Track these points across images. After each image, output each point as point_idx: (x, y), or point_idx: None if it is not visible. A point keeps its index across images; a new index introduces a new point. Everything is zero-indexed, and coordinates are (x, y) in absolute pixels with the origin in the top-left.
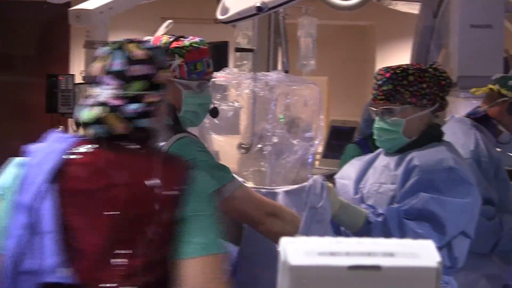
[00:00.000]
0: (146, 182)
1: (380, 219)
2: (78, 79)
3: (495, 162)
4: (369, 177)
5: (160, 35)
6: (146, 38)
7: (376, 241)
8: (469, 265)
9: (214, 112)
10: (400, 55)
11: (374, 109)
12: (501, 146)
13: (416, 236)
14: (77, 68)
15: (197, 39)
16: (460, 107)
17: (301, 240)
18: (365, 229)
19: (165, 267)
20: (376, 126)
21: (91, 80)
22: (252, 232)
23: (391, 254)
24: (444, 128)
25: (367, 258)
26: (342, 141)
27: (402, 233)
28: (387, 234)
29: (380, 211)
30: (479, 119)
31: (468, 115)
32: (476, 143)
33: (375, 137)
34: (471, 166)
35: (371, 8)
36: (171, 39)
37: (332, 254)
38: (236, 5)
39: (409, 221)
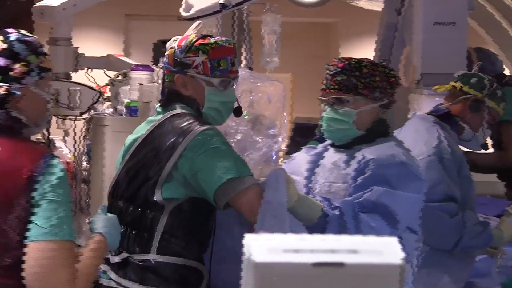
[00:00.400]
0: (1, 167)
1: (336, 212)
2: None
3: (458, 159)
4: (319, 175)
5: (188, 35)
6: (174, 37)
7: (340, 238)
8: (432, 262)
9: (238, 111)
10: (363, 52)
11: (325, 99)
12: (464, 143)
13: (371, 230)
14: None
15: (223, 38)
16: (423, 104)
17: (265, 237)
18: (321, 223)
19: (21, 250)
20: (326, 116)
21: None
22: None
23: (355, 251)
24: (407, 125)
25: (331, 255)
26: (306, 138)
27: (357, 227)
28: (343, 227)
29: (336, 204)
30: (441, 116)
31: (431, 112)
32: (439, 140)
33: (323, 127)
34: (433, 163)
35: (335, 5)
36: (198, 37)
37: (296, 251)
38: (200, 2)
39: (363, 214)
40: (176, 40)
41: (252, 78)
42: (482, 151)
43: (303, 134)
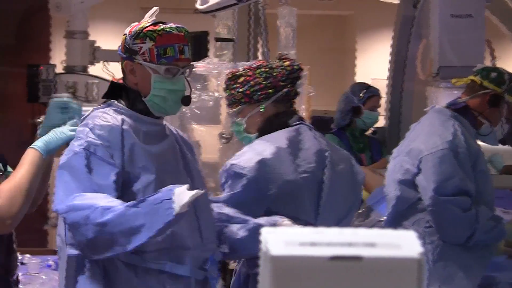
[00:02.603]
0: None
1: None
2: (59, 69)
3: (474, 153)
4: None
5: (142, 21)
6: (131, 24)
7: (358, 231)
8: (447, 256)
9: (186, 100)
10: (380, 45)
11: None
12: (481, 137)
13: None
14: (58, 58)
15: (173, 25)
16: (440, 97)
17: (282, 230)
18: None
19: None
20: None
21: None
22: None
23: (372, 245)
24: (424, 118)
25: (349, 248)
26: (323, 131)
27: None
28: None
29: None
30: (459, 110)
31: (448, 106)
32: (454, 133)
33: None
34: (447, 157)
35: None
36: (149, 24)
37: (313, 244)
38: None
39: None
40: (131, 26)
41: None
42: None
43: (320, 127)
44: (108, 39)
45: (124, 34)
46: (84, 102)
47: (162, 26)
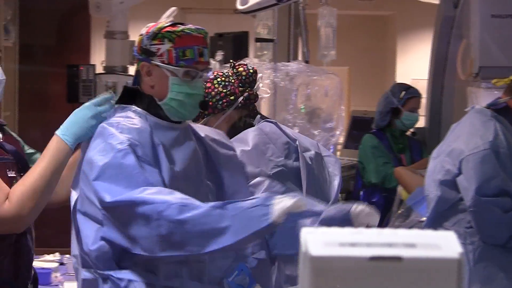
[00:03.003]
0: None
1: None
2: (99, 69)
3: None
4: None
5: (160, 21)
6: (148, 24)
7: (397, 232)
8: (488, 257)
9: (204, 105)
10: (420, 46)
11: None
12: None
13: None
14: (98, 58)
15: (193, 27)
16: (481, 97)
17: (321, 231)
18: None
19: None
20: None
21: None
22: None
23: (412, 245)
24: (464, 119)
25: (388, 249)
26: (363, 132)
27: None
28: None
29: None
30: (500, 110)
31: (489, 106)
32: (495, 134)
33: None
34: (488, 157)
35: None
36: (167, 24)
37: (353, 244)
38: None
39: None
40: (147, 27)
41: (308, 72)
42: None
43: (360, 128)
44: None
45: (140, 35)
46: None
47: (181, 27)
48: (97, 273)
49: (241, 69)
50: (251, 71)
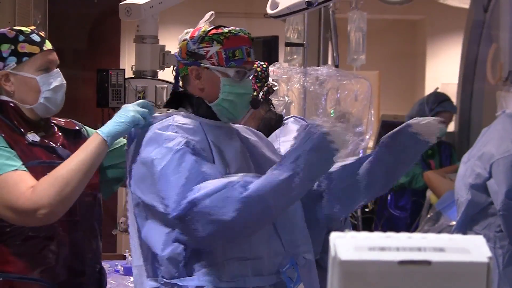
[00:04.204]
0: None
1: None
2: (129, 74)
3: None
4: None
5: (200, 26)
6: (186, 30)
7: (426, 236)
8: None
9: (255, 103)
10: (451, 50)
11: None
12: None
13: None
14: (128, 63)
15: (237, 28)
16: (510, 101)
17: (351, 235)
18: None
19: None
20: None
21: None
22: None
23: (441, 249)
24: (495, 123)
25: (417, 253)
26: None
27: None
28: None
29: None
30: None
31: None
32: None
33: None
34: None
35: (422, 2)
36: (211, 27)
37: (382, 249)
38: (286, 0)
39: None
40: (188, 33)
41: (338, 76)
42: None
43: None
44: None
45: (184, 40)
46: (153, 106)
47: (227, 28)
48: (163, 282)
49: (254, 65)
50: (264, 66)
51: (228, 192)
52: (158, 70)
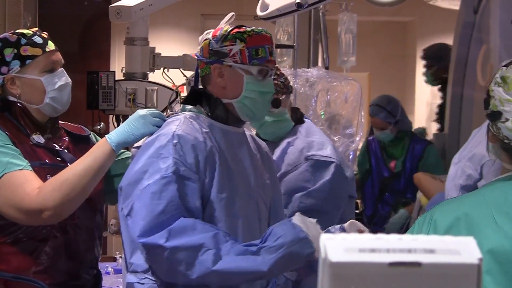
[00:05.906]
0: None
1: None
2: (119, 76)
3: None
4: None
5: (222, 26)
6: (207, 31)
7: (417, 237)
8: None
9: (276, 102)
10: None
11: None
12: None
13: None
14: (118, 65)
15: (259, 27)
16: None
17: (341, 237)
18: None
19: None
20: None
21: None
22: None
23: (431, 251)
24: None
25: (408, 254)
26: None
27: None
28: None
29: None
30: None
31: None
32: None
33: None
34: None
35: (412, 4)
36: (233, 27)
37: (373, 250)
38: (276, 2)
39: None
40: (209, 33)
41: (328, 78)
42: None
43: None
44: (168, 45)
45: (206, 39)
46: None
47: (249, 28)
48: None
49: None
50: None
51: (199, 256)
52: (148, 72)
